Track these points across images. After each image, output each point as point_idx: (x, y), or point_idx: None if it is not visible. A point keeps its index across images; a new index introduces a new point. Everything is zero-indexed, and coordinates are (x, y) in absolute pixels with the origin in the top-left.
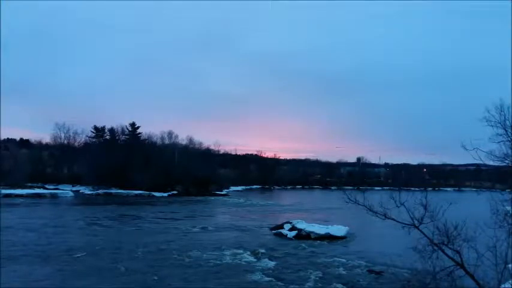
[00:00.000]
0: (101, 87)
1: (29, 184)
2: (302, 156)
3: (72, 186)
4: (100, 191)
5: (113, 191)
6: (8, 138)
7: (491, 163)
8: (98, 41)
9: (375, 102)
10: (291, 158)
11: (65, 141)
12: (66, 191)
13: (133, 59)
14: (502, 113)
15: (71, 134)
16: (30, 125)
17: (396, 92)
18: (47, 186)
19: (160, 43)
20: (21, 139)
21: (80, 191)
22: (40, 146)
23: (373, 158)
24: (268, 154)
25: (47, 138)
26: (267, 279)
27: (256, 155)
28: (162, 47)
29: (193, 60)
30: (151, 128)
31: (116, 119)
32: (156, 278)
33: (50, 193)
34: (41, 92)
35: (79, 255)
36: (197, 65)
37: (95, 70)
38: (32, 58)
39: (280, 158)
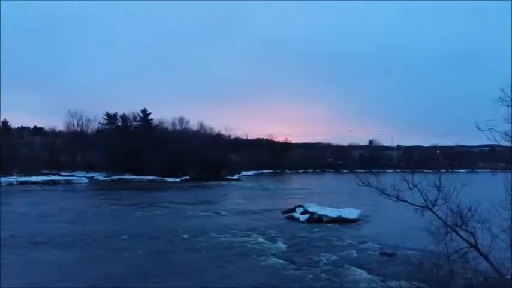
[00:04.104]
0: (112, 75)
1: (44, 171)
2: (313, 140)
3: (87, 172)
4: (114, 177)
5: (126, 176)
6: (22, 127)
7: (506, 144)
8: (109, 29)
9: (387, 84)
10: (302, 142)
11: (78, 129)
12: (80, 177)
13: (144, 46)
14: None
15: (84, 121)
16: (44, 112)
17: (409, 73)
18: (61, 173)
19: (170, 30)
20: (35, 127)
21: (94, 178)
22: (53, 134)
23: (385, 140)
24: (279, 138)
25: (60, 126)
26: (280, 261)
27: (267, 139)
28: (173, 34)
29: (203, 45)
30: (163, 114)
31: (128, 106)
32: (166, 262)
33: (65, 180)
34: (54, 80)
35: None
36: (207, 50)
37: (107, 57)
38: (44, 46)
39: (291, 142)
